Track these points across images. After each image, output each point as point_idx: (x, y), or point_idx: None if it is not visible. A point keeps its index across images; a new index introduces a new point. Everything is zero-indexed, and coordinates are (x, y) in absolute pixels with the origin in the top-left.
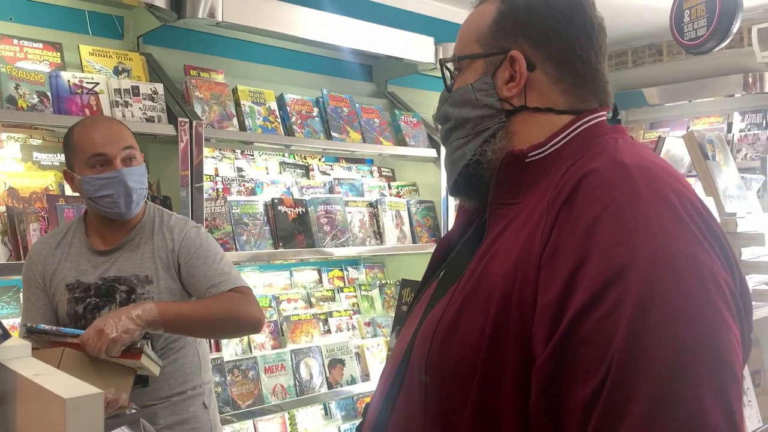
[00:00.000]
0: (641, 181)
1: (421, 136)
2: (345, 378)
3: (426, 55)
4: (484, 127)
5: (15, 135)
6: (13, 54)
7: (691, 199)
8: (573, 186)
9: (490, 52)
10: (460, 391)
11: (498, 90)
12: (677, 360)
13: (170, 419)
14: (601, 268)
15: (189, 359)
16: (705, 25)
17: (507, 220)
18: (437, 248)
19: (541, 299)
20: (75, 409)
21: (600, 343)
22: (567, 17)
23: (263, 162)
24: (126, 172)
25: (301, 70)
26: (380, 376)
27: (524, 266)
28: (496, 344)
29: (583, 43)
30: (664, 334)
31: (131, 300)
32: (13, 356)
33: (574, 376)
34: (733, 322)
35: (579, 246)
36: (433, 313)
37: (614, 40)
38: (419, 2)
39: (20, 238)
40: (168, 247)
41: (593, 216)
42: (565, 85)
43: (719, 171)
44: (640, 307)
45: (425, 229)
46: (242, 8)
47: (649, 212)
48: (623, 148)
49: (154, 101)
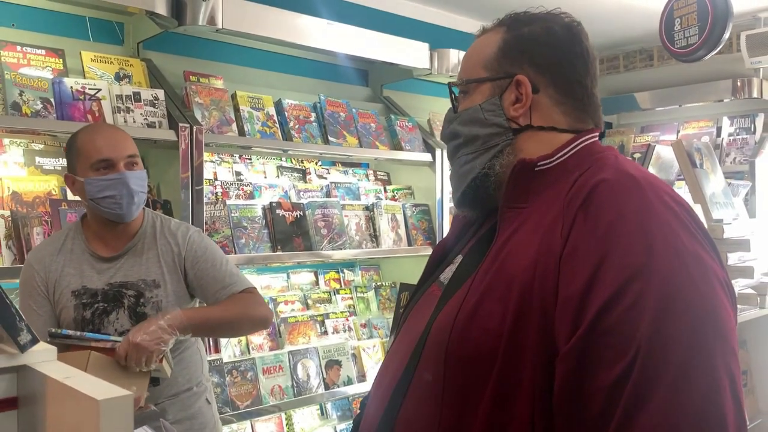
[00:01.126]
0: (648, 190)
1: (416, 141)
2: (342, 379)
3: (421, 61)
4: (493, 144)
5: (17, 140)
6: (16, 60)
7: (684, 205)
8: (587, 193)
9: (497, 77)
10: (479, 377)
11: (505, 110)
12: (694, 346)
13: (179, 414)
14: (622, 266)
15: (193, 358)
16: (697, 33)
17: (518, 222)
18: (433, 253)
19: (563, 292)
20: (108, 410)
21: (625, 333)
22: (567, 46)
23: (261, 166)
24: (129, 174)
25: (298, 75)
26: (377, 381)
27: (544, 262)
28: (516, 332)
29: (581, 69)
30: (682, 322)
31: (140, 304)
32: (41, 359)
33: (600, 362)
34: (731, 310)
35: (599, 246)
36: (448, 307)
37: (606, 44)
38: (415, 8)
39: (24, 242)
40: (174, 251)
41: (610, 219)
42: (566, 107)
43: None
44: (660, 300)
45: (420, 232)
46: (242, 15)
47: (659, 217)
48: (624, 162)
49: (155, 107)
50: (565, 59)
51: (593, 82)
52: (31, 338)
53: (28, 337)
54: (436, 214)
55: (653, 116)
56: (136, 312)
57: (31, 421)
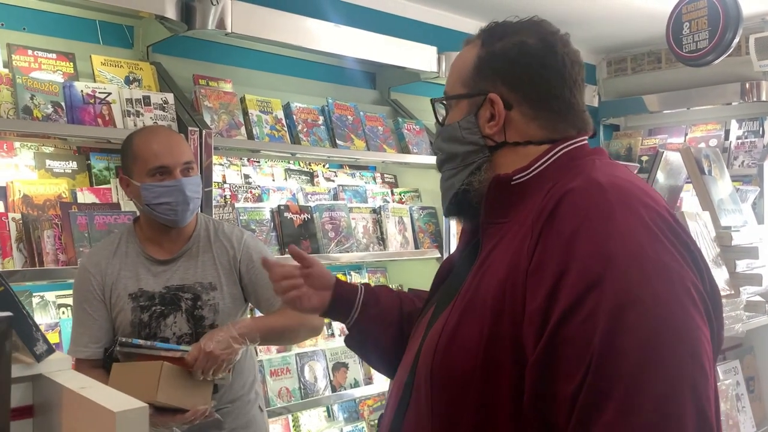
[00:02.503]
0: (613, 197)
1: (423, 144)
2: (348, 381)
3: (429, 64)
4: (470, 161)
5: (28, 143)
6: (27, 64)
7: (659, 212)
8: (554, 204)
9: (472, 93)
10: (461, 392)
11: (481, 128)
12: (648, 357)
13: (234, 423)
14: (580, 277)
15: (248, 365)
16: (707, 38)
17: (498, 237)
18: (439, 269)
19: (529, 306)
20: (124, 421)
21: (580, 344)
22: (539, 60)
23: (269, 169)
24: (185, 181)
25: (306, 78)
26: (391, 387)
27: (513, 277)
28: (492, 348)
29: (556, 82)
30: (636, 334)
31: (197, 307)
32: (56, 369)
33: (560, 374)
34: (702, 321)
35: (560, 257)
36: (435, 327)
37: (613, 47)
38: (422, 11)
39: (35, 245)
40: (229, 254)
41: (571, 230)
42: (541, 121)
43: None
44: (614, 311)
45: (427, 235)
46: (250, 19)
47: (621, 225)
48: (599, 167)
49: (164, 111)
50: (537, 75)
51: (573, 89)
52: (47, 348)
53: (44, 347)
54: (443, 217)
55: (661, 119)
56: (193, 315)
57: (47, 429)
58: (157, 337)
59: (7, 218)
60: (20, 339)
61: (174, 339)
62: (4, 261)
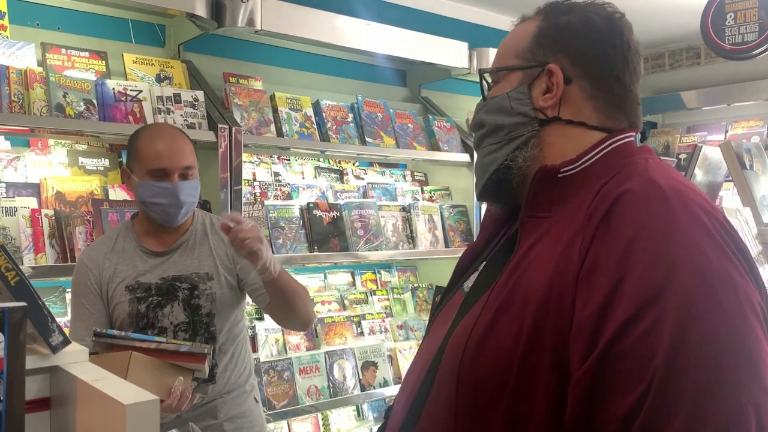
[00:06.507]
0: (675, 202)
1: (454, 141)
2: (378, 380)
3: (460, 60)
4: (518, 134)
5: (62, 141)
6: (61, 63)
7: (718, 218)
8: (610, 205)
9: (528, 65)
10: (492, 398)
11: (533, 100)
12: (715, 376)
13: (230, 413)
14: (641, 287)
15: (243, 356)
16: (756, 31)
17: (539, 233)
18: (461, 258)
19: (579, 313)
20: (134, 414)
21: (640, 359)
22: (604, 38)
23: (299, 167)
24: (181, 185)
25: (336, 75)
26: (404, 383)
27: (561, 280)
28: (530, 353)
29: (619, 63)
30: (703, 351)
31: (194, 296)
32: (72, 361)
33: (613, 390)
34: (764, 338)
35: (617, 265)
36: (464, 323)
37: (651, 42)
38: (454, 7)
39: (67, 241)
40: (226, 245)
41: (630, 236)
42: (598, 102)
43: (756, 180)
44: (679, 325)
45: (458, 234)
46: (280, 16)
47: (683, 232)
48: (654, 168)
49: (195, 108)
50: (602, 51)
51: (633, 77)
52: (63, 339)
53: (60, 338)
54: (473, 215)
55: (700, 116)
56: (190, 304)
57: (63, 421)
58: (155, 327)
59: (40, 214)
60: (36, 330)
61: (171, 328)
62: (37, 257)
